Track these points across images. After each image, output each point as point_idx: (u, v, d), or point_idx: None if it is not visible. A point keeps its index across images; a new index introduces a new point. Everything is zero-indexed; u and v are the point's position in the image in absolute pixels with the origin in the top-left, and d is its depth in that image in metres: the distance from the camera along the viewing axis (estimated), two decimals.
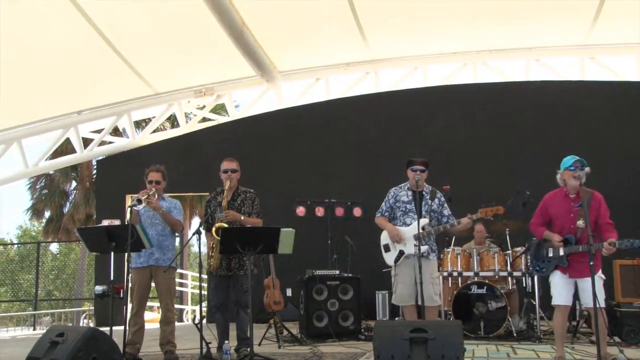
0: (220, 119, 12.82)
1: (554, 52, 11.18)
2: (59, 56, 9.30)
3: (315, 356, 5.86)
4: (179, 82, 11.62)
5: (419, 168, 5.94)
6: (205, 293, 7.12)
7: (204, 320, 5.57)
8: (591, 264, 4.60)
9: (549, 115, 10.59)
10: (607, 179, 8.01)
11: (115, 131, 13.39)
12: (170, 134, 13.00)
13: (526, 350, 5.97)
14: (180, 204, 6.20)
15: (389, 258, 6.05)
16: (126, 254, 5.47)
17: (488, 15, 9.66)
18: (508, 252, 7.55)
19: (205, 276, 5.96)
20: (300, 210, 9.90)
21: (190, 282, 16.27)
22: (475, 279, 7.31)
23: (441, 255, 7.47)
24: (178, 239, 10.86)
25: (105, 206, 12.13)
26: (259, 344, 6.70)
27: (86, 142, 12.07)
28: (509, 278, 7.51)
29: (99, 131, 11.98)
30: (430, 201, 5.98)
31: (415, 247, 5.68)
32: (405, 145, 10.26)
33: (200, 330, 5.24)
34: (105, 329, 4.96)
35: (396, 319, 8.22)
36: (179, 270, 14.29)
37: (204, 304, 6.20)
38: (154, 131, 12.96)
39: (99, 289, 11.08)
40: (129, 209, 5.55)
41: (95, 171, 19.27)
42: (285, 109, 11.95)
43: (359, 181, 10.52)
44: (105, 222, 10.05)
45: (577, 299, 5.22)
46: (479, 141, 10.70)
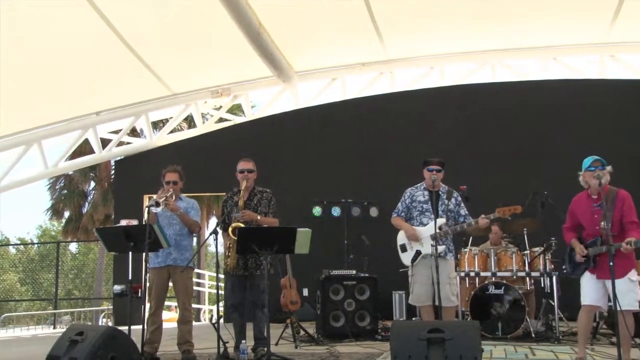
0: (236, 120, 12.86)
1: (573, 51, 11.05)
2: (77, 57, 9.37)
3: (332, 356, 5.86)
4: (196, 83, 11.67)
5: (435, 168, 5.93)
6: (223, 293, 7.14)
7: (221, 320, 5.60)
8: (611, 265, 4.56)
9: (567, 114, 10.47)
10: (627, 179, 7.90)
11: (133, 132, 13.49)
12: (187, 134, 13.07)
13: (545, 351, 5.92)
14: (197, 204, 6.22)
15: (406, 258, 6.04)
16: (144, 253, 5.51)
17: (505, 14, 9.58)
18: (526, 252, 7.48)
19: (222, 276, 5.97)
20: (317, 210, 9.92)
21: (208, 282, 16.35)
22: (493, 279, 7.26)
23: (458, 255, 7.43)
24: (195, 238, 10.90)
25: (123, 206, 12.23)
26: (276, 344, 6.70)
27: (104, 143, 12.16)
28: (527, 278, 7.45)
29: (117, 132, 12.07)
30: (446, 201, 5.97)
31: (432, 247, 5.66)
32: (421, 145, 10.21)
33: (217, 329, 5.26)
34: (124, 328, 5.00)
35: (413, 319, 8.20)
36: (196, 270, 14.37)
37: (221, 304, 6.23)
38: (171, 132, 13.03)
39: (117, 288, 11.13)
40: (147, 209, 5.58)
41: (113, 171, 19.43)
42: (302, 109, 11.96)
43: (375, 181, 10.49)
44: (123, 222, 10.09)
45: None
46: (496, 141, 10.62)
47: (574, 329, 6.80)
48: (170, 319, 11.83)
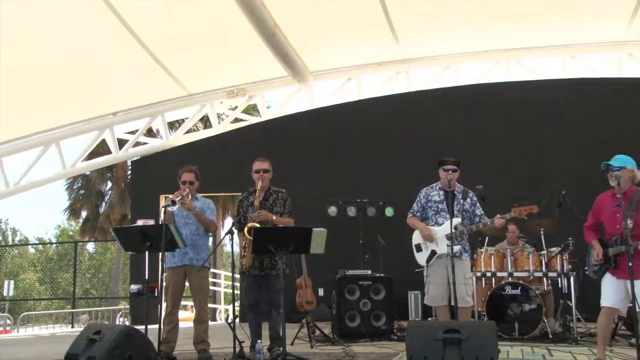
0: (252, 120, 12.89)
1: (591, 49, 10.94)
2: (93, 58, 9.45)
3: (347, 356, 5.85)
4: (212, 83, 11.72)
5: (451, 167, 5.90)
6: (238, 292, 7.16)
7: (237, 320, 5.61)
8: (630, 265, 4.51)
9: (584, 113, 10.37)
10: None
11: (149, 132, 13.57)
12: (203, 134, 13.13)
13: (563, 352, 5.86)
14: (213, 203, 6.24)
15: (421, 258, 6.02)
16: (160, 253, 5.55)
17: (522, 13, 9.49)
18: (543, 253, 7.41)
19: (237, 276, 5.99)
20: (332, 210, 9.92)
21: (223, 282, 16.40)
22: (510, 279, 7.21)
23: (474, 255, 7.38)
24: (211, 238, 10.95)
25: (139, 206, 12.32)
26: (292, 344, 6.71)
27: (121, 143, 12.25)
28: (544, 279, 7.38)
29: (133, 132, 12.16)
30: (462, 200, 5.93)
31: (448, 247, 5.63)
32: (436, 144, 10.17)
33: (233, 329, 5.27)
34: (141, 328, 5.03)
35: (429, 319, 8.17)
36: (212, 269, 14.42)
37: (237, 304, 6.24)
38: (187, 132, 13.09)
39: (134, 287, 11.24)
40: (163, 209, 5.61)
41: (130, 172, 19.57)
42: (317, 109, 11.97)
43: (390, 181, 10.45)
44: (140, 222, 10.18)
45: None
46: (513, 140, 10.54)
47: (592, 330, 6.75)
48: (186, 318, 11.91)
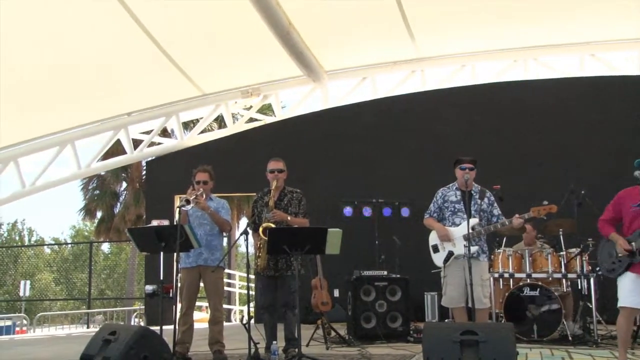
0: (266, 119, 12.86)
1: (610, 47, 10.77)
2: (108, 58, 9.48)
3: (363, 358, 5.81)
4: (226, 83, 11.71)
5: (468, 167, 5.81)
6: (253, 293, 7.13)
7: (252, 321, 5.58)
8: None
9: (604, 111, 10.23)
10: None
11: (164, 132, 13.59)
12: (217, 134, 13.12)
13: (583, 355, 5.76)
14: (227, 204, 6.22)
15: (438, 259, 5.93)
16: (175, 254, 5.53)
17: (539, 10, 9.38)
18: (562, 254, 7.29)
19: (252, 276, 5.96)
20: (348, 210, 9.87)
21: (238, 283, 16.40)
22: (528, 280, 7.10)
23: (492, 256, 7.28)
24: (226, 239, 10.94)
25: (154, 206, 12.33)
26: (307, 345, 6.68)
27: (136, 143, 12.29)
28: (564, 280, 7.25)
29: (148, 132, 12.19)
30: (479, 200, 5.84)
31: (465, 248, 5.55)
32: (453, 143, 10.09)
33: (248, 330, 5.24)
34: (156, 328, 5.02)
35: (446, 320, 8.08)
36: (226, 270, 14.42)
37: (252, 305, 6.21)
38: (202, 132, 13.08)
39: (149, 288, 11.25)
40: (178, 209, 5.60)
41: (144, 172, 19.65)
42: (332, 109, 11.92)
43: (406, 181, 10.38)
44: (155, 223, 10.19)
45: None
46: (531, 139, 10.42)
47: (613, 332, 6.64)
48: (201, 319, 11.88)
